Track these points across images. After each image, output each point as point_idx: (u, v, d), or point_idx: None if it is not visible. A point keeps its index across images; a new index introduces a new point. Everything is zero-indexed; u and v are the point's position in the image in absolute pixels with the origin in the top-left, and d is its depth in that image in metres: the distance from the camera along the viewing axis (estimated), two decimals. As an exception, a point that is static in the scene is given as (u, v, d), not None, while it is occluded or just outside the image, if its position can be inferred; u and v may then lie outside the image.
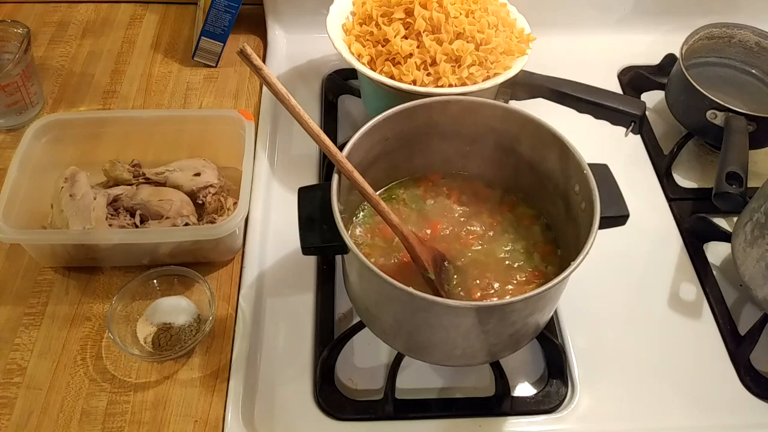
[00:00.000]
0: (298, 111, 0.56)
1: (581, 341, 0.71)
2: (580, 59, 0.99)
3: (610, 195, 0.62)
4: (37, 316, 0.70)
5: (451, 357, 0.63)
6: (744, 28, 0.92)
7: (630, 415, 0.67)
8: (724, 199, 0.74)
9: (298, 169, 0.86)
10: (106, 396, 0.65)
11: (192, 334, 0.68)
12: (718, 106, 0.83)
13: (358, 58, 0.79)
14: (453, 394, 0.68)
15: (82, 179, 0.74)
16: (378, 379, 0.68)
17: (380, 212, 0.60)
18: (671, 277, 0.77)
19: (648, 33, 1.05)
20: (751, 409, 0.67)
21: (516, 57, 0.80)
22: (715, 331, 0.73)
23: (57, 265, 0.74)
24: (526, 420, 0.66)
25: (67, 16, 1.05)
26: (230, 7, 0.93)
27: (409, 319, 0.59)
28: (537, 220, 0.70)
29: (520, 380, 0.69)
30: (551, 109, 0.79)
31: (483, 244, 0.68)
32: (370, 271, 0.53)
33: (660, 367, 0.70)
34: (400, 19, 0.79)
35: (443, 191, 0.72)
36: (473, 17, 0.79)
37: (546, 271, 0.66)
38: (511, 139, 0.67)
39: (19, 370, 0.66)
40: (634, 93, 0.98)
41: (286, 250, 0.77)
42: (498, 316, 0.56)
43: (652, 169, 0.89)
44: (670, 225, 0.83)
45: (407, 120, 0.66)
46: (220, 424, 0.64)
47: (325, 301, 0.73)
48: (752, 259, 0.70)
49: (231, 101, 0.94)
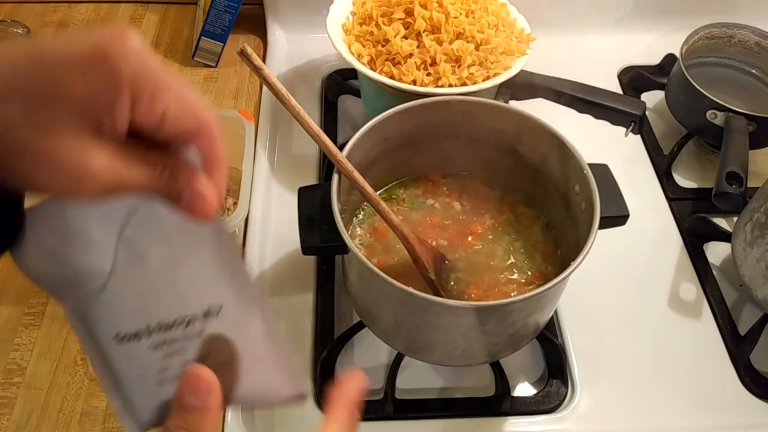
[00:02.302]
0: (298, 111, 0.56)
1: (581, 341, 0.71)
2: (580, 59, 0.99)
3: (610, 195, 0.62)
4: (37, 316, 0.70)
5: (451, 357, 0.63)
6: (744, 28, 0.92)
7: (630, 415, 0.67)
8: (724, 199, 0.74)
9: (298, 169, 0.86)
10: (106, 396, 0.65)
11: (192, 334, 0.68)
12: (718, 106, 0.83)
13: (358, 58, 0.79)
14: (453, 394, 0.68)
15: (82, 179, 0.74)
16: (378, 379, 0.68)
17: (380, 212, 0.60)
18: (671, 277, 0.77)
19: (648, 33, 1.05)
20: (751, 409, 0.67)
21: (516, 57, 0.80)
22: (715, 331, 0.73)
23: (57, 265, 0.74)
24: (526, 420, 0.66)
25: (67, 16, 1.05)
26: (230, 7, 0.93)
27: (409, 319, 0.59)
28: (537, 220, 0.70)
29: (520, 380, 0.69)
30: (551, 109, 0.79)
31: (483, 245, 0.68)
32: (370, 271, 0.53)
33: (660, 367, 0.70)
34: (400, 19, 0.79)
35: (443, 191, 0.72)
36: (473, 17, 0.79)
37: (546, 271, 0.66)
38: (511, 139, 0.67)
39: (19, 370, 0.66)
40: (634, 93, 0.98)
41: (286, 250, 0.77)
42: (498, 316, 0.56)
43: (652, 169, 0.89)
44: (670, 225, 0.83)
45: (407, 120, 0.66)
46: (220, 424, 0.64)
47: (325, 301, 0.73)
48: (752, 259, 0.70)
49: (231, 101, 0.94)
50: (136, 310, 0.35)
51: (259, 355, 0.37)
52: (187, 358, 0.35)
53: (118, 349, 0.35)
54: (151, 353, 0.35)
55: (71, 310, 0.35)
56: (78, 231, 0.34)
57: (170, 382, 0.35)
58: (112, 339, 0.34)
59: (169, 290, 0.35)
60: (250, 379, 0.36)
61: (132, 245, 0.35)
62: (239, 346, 0.36)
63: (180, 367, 0.35)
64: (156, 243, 0.35)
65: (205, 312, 0.36)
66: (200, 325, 0.35)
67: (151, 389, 0.35)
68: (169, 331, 0.35)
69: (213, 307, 0.36)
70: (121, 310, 0.35)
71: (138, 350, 0.35)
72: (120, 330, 0.34)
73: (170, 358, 0.35)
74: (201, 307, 0.35)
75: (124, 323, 0.35)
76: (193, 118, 0.33)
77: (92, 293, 0.34)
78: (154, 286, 0.35)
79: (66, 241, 0.34)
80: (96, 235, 0.34)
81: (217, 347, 0.36)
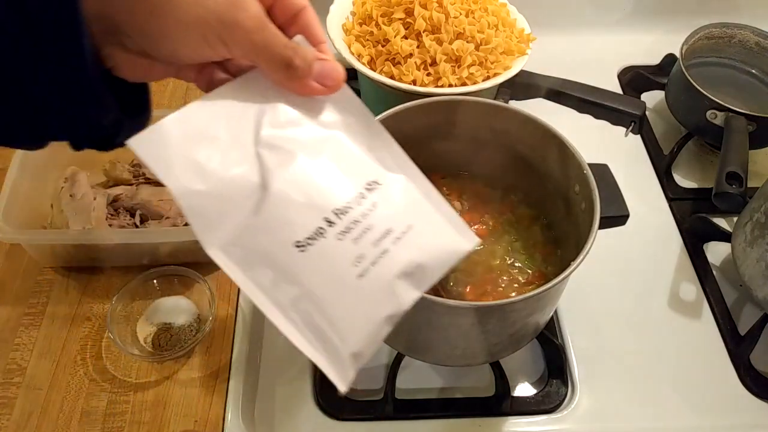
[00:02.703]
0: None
1: (581, 341, 0.71)
2: (580, 59, 0.99)
3: (610, 195, 0.62)
4: (37, 316, 0.70)
5: (451, 357, 0.63)
6: (744, 28, 0.92)
7: (630, 415, 0.67)
8: (724, 199, 0.74)
9: (298, 169, 0.86)
10: (106, 396, 0.65)
11: (192, 334, 0.68)
12: (718, 106, 0.83)
13: (358, 58, 0.79)
14: (453, 394, 0.68)
15: (82, 179, 0.74)
16: (378, 379, 0.68)
17: (380, 212, 0.60)
18: (671, 277, 0.77)
19: (648, 33, 1.05)
20: (751, 409, 0.67)
21: (516, 57, 0.80)
22: (715, 331, 0.73)
23: (57, 265, 0.74)
24: (526, 420, 0.66)
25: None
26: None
27: (409, 319, 0.59)
28: (537, 220, 0.70)
29: (520, 380, 0.69)
30: (551, 109, 0.79)
31: (483, 245, 0.68)
32: (370, 271, 0.53)
33: (660, 367, 0.70)
34: (400, 19, 0.79)
35: (443, 191, 0.72)
36: (473, 17, 0.79)
37: (546, 271, 0.66)
38: (511, 139, 0.67)
39: (19, 370, 0.66)
40: (634, 93, 0.98)
41: (286, 250, 0.77)
42: (498, 316, 0.56)
43: (652, 169, 0.89)
44: (670, 225, 0.83)
45: (407, 120, 0.66)
46: (220, 424, 0.64)
47: (325, 301, 0.73)
48: (752, 259, 0.70)
49: (231, 101, 0.94)
50: (306, 209, 0.33)
51: (429, 215, 0.36)
52: (375, 235, 0.33)
53: (305, 258, 0.32)
54: (339, 245, 0.33)
55: (236, 254, 0.32)
56: (214, 138, 0.32)
57: (371, 269, 0.33)
58: (294, 250, 0.32)
59: (327, 178, 0.34)
60: (429, 242, 0.35)
61: (273, 145, 0.33)
62: (410, 211, 0.35)
63: (373, 246, 0.33)
64: (295, 138, 0.34)
65: (369, 187, 0.35)
66: (371, 199, 0.34)
67: (354, 291, 0.33)
68: (346, 214, 0.33)
69: (372, 182, 0.35)
70: (291, 215, 0.33)
71: (325, 248, 0.33)
72: (298, 236, 0.32)
73: (359, 241, 0.33)
74: (362, 183, 0.35)
75: (299, 228, 0.33)
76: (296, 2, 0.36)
77: (250, 214, 0.32)
78: (312, 179, 0.33)
79: (207, 150, 0.32)
80: (233, 141, 0.33)
81: (393, 217, 0.34)
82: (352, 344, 0.33)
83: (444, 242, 0.37)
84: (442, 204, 0.38)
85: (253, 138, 0.33)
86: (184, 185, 0.31)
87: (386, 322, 0.35)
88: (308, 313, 0.33)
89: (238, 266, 0.32)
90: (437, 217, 0.37)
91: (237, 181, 0.32)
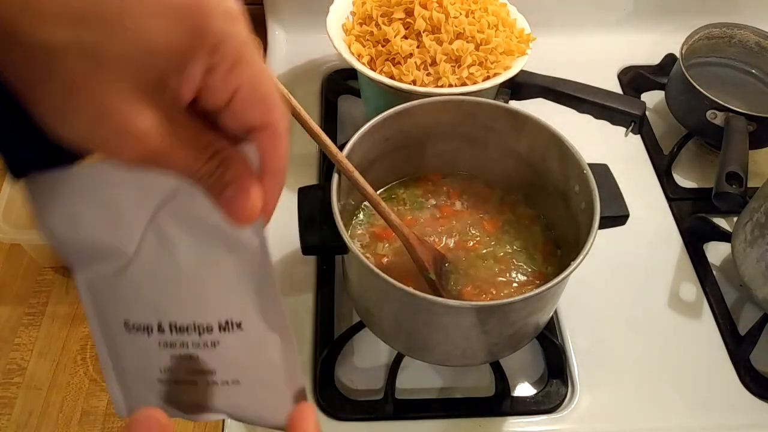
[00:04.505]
0: (298, 111, 0.56)
1: (581, 341, 0.71)
2: (580, 59, 0.99)
3: (610, 195, 0.62)
4: (37, 316, 0.70)
5: (451, 357, 0.63)
6: (744, 28, 0.92)
7: (630, 415, 0.67)
8: (724, 199, 0.74)
9: (298, 169, 0.86)
10: (106, 396, 0.65)
11: (192, 334, 0.68)
12: (718, 106, 0.83)
13: (358, 58, 0.79)
14: (453, 394, 0.68)
15: (82, 179, 0.74)
16: (378, 379, 0.68)
17: (380, 212, 0.60)
18: (671, 277, 0.77)
19: (648, 33, 1.05)
20: (751, 409, 0.67)
21: (516, 57, 0.80)
22: (715, 331, 0.73)
23: (57, 265, 0.74)
24: (526, 420, 0.66)
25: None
26: (230, 7, 0.93)
27: (409, 319, 0.59)
28: (537, 220, 0.70)
29: (520, 380, 0.69)
30: (551, 109, 0.79)
31: (483, 245, 0.68)
32: (370, 272, 0.53)
33: (660, 367, 0.70)
34: (400, 19, 0.79)
35: (443, 191, 0.72)
36: (473, 17, 0.79)
37: (546, 271, 0.66)
38: (511, 139, 0.67)
39: (19, 370, 0.66)
40: (634, 93, 0.98)
41: (286, 250, 0.77)
42: (498, 316, 0.56)
43: (652, 169, 0.89)
44: (670, 225, 0.83)
45: (407, 120, 0.66)
46: (220, 424, 0.64)
47: (324, 301, 0.73)
48: (752, 259, 0.70)
49: (231, 101, 0.94)
50: (151, 303, 0.32)
51: (266, 381, 0.34)
52: (194, 367, 0.33)
53: (125, 336, 0.33)
54: (157, 350, 0.33)
55: (85, 284, 0.33)
56: (110, 202, 0.31)
57: (172, 384, 0.33)
58: (121, 324, 0.33)
59: (190, 291, 0.33)
60: (249, 401, 0.34)
61: (162, 233, 0.32)
62: (249, 368, 0.34)
63: (186, 374, 0.33)
64: (187, 237, 0.32)
65: (223, 325, 0.33)
66: (215, 337, 0.33)
67: (151, 385, 0.34)
68: (181, 334, 0.33)
69: (232, 322, 0.33)
70: (136, 298, 0.32)
71: (145, 343, 0.33)
72: (130, 318, 0.33)
73: (177, 361, 0.33)
74: (219, 317, 0.33)
75: (136, 312, 0.33)
76: (263, 110, 0.29)
77: (110, 273, 0.32)
78: (175, 282, 0.32)
79: (96, 211, 0.31)
80: (128, 212, 0.31)
81: (226, 364, 0.33)
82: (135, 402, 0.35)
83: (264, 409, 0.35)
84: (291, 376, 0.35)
85: (149, 215, 0.32)
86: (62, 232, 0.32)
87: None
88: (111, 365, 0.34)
89: (91, 303, 0.33)
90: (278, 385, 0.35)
91: (114, 244, 0.32)
